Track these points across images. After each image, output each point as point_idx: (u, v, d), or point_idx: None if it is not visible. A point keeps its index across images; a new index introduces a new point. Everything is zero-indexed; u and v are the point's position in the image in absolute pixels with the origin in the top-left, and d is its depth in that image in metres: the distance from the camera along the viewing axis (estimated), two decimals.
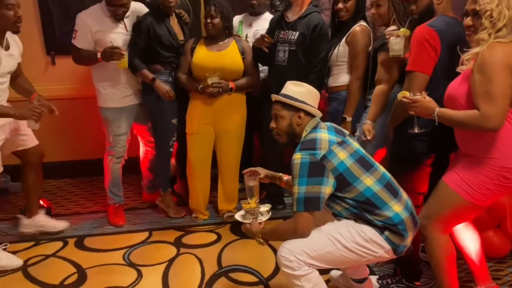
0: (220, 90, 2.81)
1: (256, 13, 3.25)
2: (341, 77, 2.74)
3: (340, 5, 2.67)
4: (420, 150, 2.09)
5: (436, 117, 1.80)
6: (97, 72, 2.89)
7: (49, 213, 3.08)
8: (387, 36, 2.29)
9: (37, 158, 2.79)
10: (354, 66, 2.65)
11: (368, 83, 2.58)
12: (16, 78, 2.70)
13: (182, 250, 2.71)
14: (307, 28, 2.72)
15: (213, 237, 2.87)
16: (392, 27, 2.44)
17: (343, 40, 2.68)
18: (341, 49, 2.69)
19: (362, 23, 2.68)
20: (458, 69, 1.86)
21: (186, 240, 2.84)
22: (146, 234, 2.91)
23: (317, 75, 2.73)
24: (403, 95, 1.89)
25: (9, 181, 3.64)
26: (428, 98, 1.85)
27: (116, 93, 2.88)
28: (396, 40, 2.24)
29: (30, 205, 2.85)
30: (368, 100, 2.56)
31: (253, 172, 2.19)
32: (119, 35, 2.81)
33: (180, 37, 2.93)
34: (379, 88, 2.42)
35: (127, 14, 2.84)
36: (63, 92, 3.59)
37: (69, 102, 3.58)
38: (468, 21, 1.82)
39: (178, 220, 3.09)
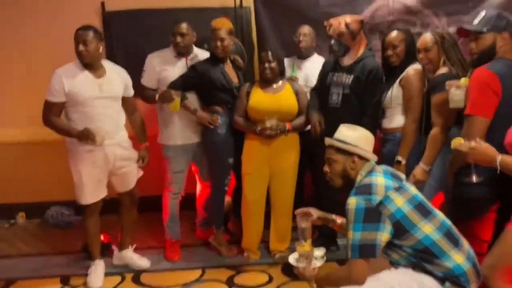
0: (278, 132, 2.87)
1: (304, 56, 3.34)
2: (396, 119, 2.72)
3: (390, 52, 2.68)
4: (484, 196, 2.01)
5: (499, 166, 1.72)
6: (160, 111, 3.11)
7: (109, 248, 3.21)
8: (447, 87, 2.25)
9: (130, 201, 3.00)
10: (410, 109, 2.63)
11: (423, 125, 2.54)
12: (131, 113, 2.95)
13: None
14: (362, 72, 2.75)
15: (265, 278, 2.86)
16: (443, 70, 2.41)
17: (397, 82, 2.68)
18: (395, 92, 2.68)
19: (416, 65, 2.67)
20: None
21: (238, 280, 2.85)
22: (199, 272, 2.96)
23: (371, 118, 2.74)
24: (459, 142, 1.83)
25: (73, 215, 3.86)
26: (486, 144, 1.77)
27: (176, 131, 3.05)
28: (457, 91, 2.18)
29: (122, 240, 3.07)
30: (425, 142, 2.51)
31: (306, 213, 2.18)
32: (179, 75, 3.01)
33: (235, 80, 3.07)
34: (433, 132, 2.38)
35: (191, 56, 3.06)
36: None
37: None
38: None
39: (230, 259, 3.12)
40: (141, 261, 3.04)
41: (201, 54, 3.14)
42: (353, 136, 1.95)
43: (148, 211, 3.74)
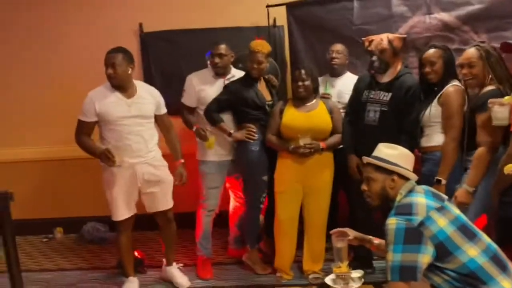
0: (312, 150, 2.85)
1: (337, 74, 3.33)
2: (435, 137, 2.64)
3: (428, 69, 2.63)
4: None
5: None
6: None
7: (141, 264, 3.24)
8: (490, 105, 2.19)
9: (164, 220, 3.03)
10: (449, 127, 2.55)
11: (465, 143, 2.46)
12: (166, 131, 3.02)
13: None
14: (400, 90, 2.72)
15: None
16: (490, 87, 2.34)
17: (435, 100, 2.62)
18: (433, 110, 2.62)
19: (455, 82, 2.60)
20: None
21: None
22: None
23: (408, 136, 2.68)
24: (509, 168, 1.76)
25: (108, 231, 3.92)
26: None
27: (213, 148, 3.08)
28: (501, 109, 2.13)
29: (165, 256, 3.13)
30: (467, 161, 2.43)
31: (342, 233, 2.14)
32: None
33: (268, 98, 3.08)
34: (479, 152, 2.29)
35: (228, 76, 3.10)
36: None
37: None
38: None
39: (263, 279, 3.08)
40: (182, 279, 3.04)
41: (238, 74, 3.18)
42: (393, 154, 1.91)
43: (181, 227, 3.78)
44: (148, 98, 2.86)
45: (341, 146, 3.00)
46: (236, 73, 3.17)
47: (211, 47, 3.10)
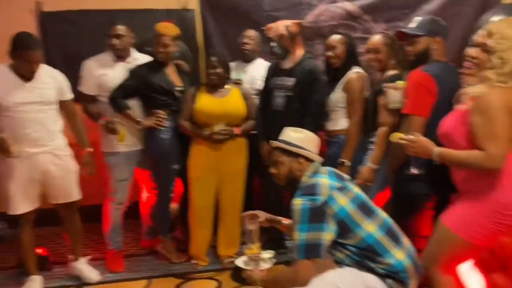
0: (227, 136, 2.84)
1: (249, 60, 3.34)
2: (339, 122, 2.78)
3: (330, 53, 2.74)
4: (419, 192, 2.09)
5: (437, 157, 1.80)
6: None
7: (46, 261, 3.03)
8: (385, 89, 2.33)
9: (68, 213, 2.84)
10: (352, 112, 2.69)
11: (369, 126, 2.61)
12: (70, 117, 2.79)
13: None
14: (303, 74, 2.79)
15: (214, 284, 2.81)
16: (391, 72, 2.50)
17: (339, 86, 2.74)
18: (337, 95, 2.74)
19: (357, 69, 2.74)
20: (456, 107, 1.87)
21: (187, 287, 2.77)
22: (145, 282, 2.85)
23: (312, 117, 2.77)
24: (398, 136, 1.91)
25: (6, 228, 3.60)
26: (424, 138, 1.86)
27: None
28: (395, 92, 2.27)
29: (72, 251, 2.95)
30: (370, 143, 2.58)
31: (253, 216, 2.18)
32: (119, 79, 2.90)
33: (178, 83, 2.99)
34: (381, 131, 2.44)
35: (129, 60, 2.95)
36: None
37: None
38: (473, 52, 1.82)
39: (178, 267, 3.03)
40: (91, 274, 2.88)
41: (142, 57, 3.04)
42: (299, 138, 1.97)
43: (89, 221, 3.59)
44: (50, 82, 2.64)
45: (254, 132, 3.03)
46: (140, 57, 3.03)
47: (108, 29, 2.92)
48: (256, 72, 3.25)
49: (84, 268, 2.91)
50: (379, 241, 1.78)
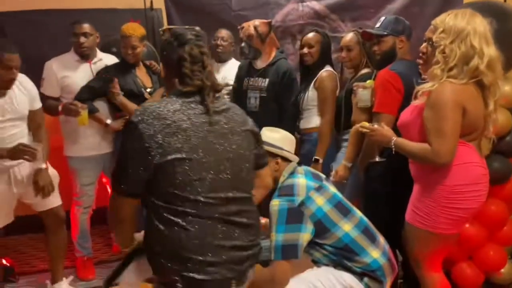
0: None
1: (222, 60, 3.31)
2: (312, 119, 2.80)
3: (305, 50, 2.76)
4: (387, 189, 2.16)
5: (393, 146, 1.86)
6: (64, 122, 2.85)
7: (11, 272, 2.91)
8: (354, 88, 2.38)
9: (55, 221, 2.57)
10: (324, 110, 2.72)
11: (342, 123, 2.64)
12: (36, 128, 2.51)
13: None
14: (277, 75, 2.81)
15: None
16: (364, 71, 2.54)
17: (311, 85, 2.76)
18: (310, 94, 2.77)
19: (328, 68, 2.78)
20: (412, 102, 1.90)
21: None
22: None
23: (289, 120, 2.79)
24: (362, 125, 1.97)
25: None
26: (386, 127, 1.92)
27: (83, 142, 2.83)
28: (364, 91, 2.31)
29: (53, 270, 2.64)
30: (343, 140, 2.62)
31: None
32: (85, 81, 2.80)
33: (148, 84, 2.93)
34: (354, 129, 2.48)
35: (95, 60, 2.86)
36: None
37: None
38: (423, 47, 1.87)
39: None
40: None
41: (106, 58, 2.95)
42: (276, 138, 1.97)
43: None
44: (21, 95, 2.40)
45: None
46: (104, 57, 2.95)
47: (72, 27, 2.80)
48: (228, 72, 3.22)
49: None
50: (356, 240, 1.81)
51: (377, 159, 2.09)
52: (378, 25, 2.32)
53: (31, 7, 3.41)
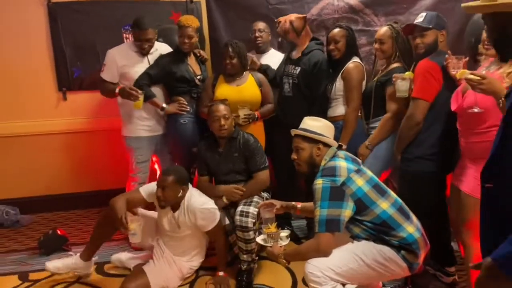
0: (250, 120, 3.00)
1: (262, 51, 3.47)
2: (338, 108, 2.96)
3: (332, 46, 2.92)
4: (428, 170, 2.32)
5: (502, 101, 1.64)
6: (122, 104, 3.11)
7: (65, 241, 3.18)
8: (393, 79, 2.54)
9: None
10: (350, 99, 2.87)
11: (371, 113, 2.80)
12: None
13: (200, 272, 2.80)
14: (308, 65, 2.96)
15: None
16: (395, 65, 2.69)
17: (339, 75, 2.92)
18: (337, 84, 2.92)
19: (356, 59, 2.92)
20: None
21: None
22: None
23: (318, 107, 2.95)
24: (466, 74, 1.78)
25: (19, 214, 3.72)
26: (493, 77, 1.77)
27: (140, 123, 3.09)
28: (402, 82, 2.47)
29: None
30: (371, 128, 2.77)
31: (269, 205, 2.39)
32: (141, 70, 3.04)
33: (198, 71, 3.16)
34: (385, 116, 2.65)
35: (151, 51, 3.10)
36: (75, 126, 3.80)
37: (81, 136, 3.80)
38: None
39: None
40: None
41: (161, 47, 3.18)
42: (318, 126, 2.17)
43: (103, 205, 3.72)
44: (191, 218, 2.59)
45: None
46: (159, 46, 3.17)
47: (134, 29, 3.01)
48: (269, 61, 3.34)
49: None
50: (392, 217, 1.99)
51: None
52: (421, 19, 2.43)
53: None
